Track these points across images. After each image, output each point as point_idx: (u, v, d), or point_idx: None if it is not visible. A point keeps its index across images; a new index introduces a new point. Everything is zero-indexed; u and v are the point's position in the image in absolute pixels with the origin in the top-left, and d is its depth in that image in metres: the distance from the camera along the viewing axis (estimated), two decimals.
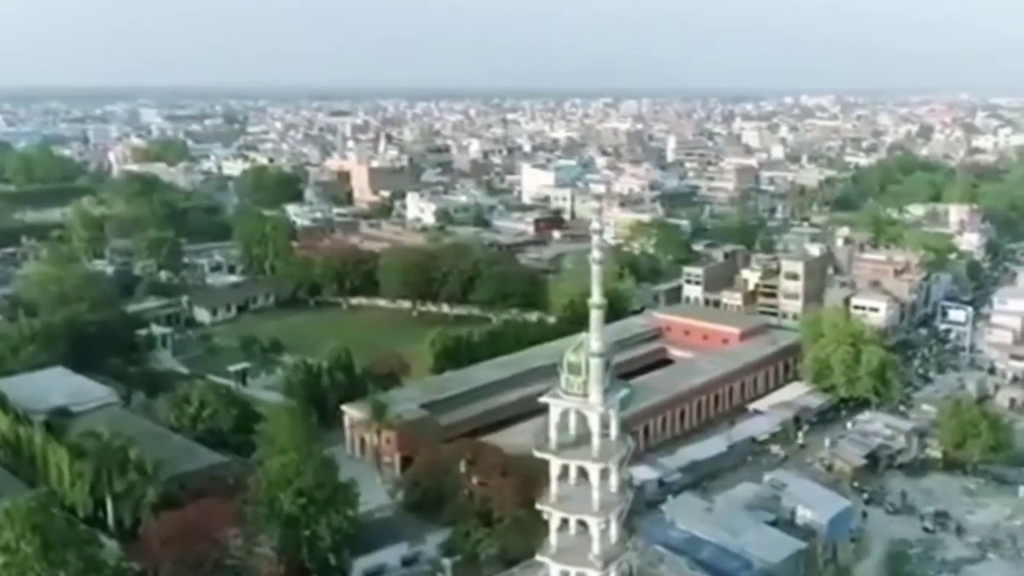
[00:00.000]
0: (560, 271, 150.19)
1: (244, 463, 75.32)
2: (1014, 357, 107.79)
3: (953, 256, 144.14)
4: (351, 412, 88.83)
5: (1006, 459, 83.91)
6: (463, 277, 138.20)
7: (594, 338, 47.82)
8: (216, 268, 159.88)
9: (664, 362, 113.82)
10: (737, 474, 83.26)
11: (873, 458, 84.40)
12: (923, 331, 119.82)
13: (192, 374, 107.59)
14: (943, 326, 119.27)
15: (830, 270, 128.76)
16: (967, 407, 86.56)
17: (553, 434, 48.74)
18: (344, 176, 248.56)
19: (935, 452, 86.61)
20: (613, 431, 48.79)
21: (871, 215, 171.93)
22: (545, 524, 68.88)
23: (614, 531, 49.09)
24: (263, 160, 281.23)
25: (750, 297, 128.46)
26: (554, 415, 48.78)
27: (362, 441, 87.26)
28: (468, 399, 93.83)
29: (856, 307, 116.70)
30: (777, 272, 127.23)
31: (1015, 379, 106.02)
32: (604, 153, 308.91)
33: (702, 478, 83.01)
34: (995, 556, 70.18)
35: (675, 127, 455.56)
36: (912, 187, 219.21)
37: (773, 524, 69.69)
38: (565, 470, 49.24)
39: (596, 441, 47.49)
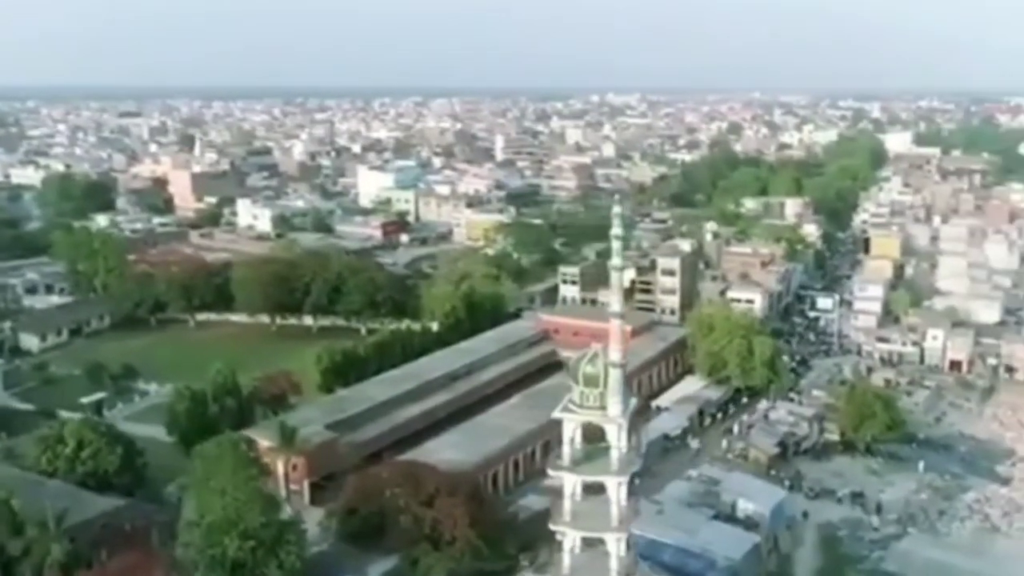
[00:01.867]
0: (430, 276, 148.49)
1: (144, 506, 68.73)
2: (880, 340, 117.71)
3: (799, 247, 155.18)
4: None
5: (896, 438, 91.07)
6: (327, 286, 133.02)
7: (614, 347, 47.07)
8: (31, 289, 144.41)
9: (556, 365, 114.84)
10: (660, 472, 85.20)
11: (783, 446, 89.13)
12: (797, 320, 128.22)
13: (37, 410, 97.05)
14: (812, 314, 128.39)
15: (701, 265, 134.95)
16: (862, 390, 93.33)
17: (567, 450, 47.61)
18: (160, 182, 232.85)
19: (833, 436, 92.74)
20: (627, 442, 48.30)
21: (718, 210, 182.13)
22: (497, 544, 67.98)
23: (627, 545, 48.70)
24: (58, 166, 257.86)
25: (628, 294, 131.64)
26: (568, 431, 47.69)
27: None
28: (372, 416, 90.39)
29: (732, 300, 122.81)
30: (652, 269, 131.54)
31: (883, 360, 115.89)
32: (435, 154, 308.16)
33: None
34: (914, 531, 76.00)
35: (495, 126, 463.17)
36: (740, 182, 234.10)
37: (715, 519, 72.09)
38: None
39: (615, 454, 46.90)
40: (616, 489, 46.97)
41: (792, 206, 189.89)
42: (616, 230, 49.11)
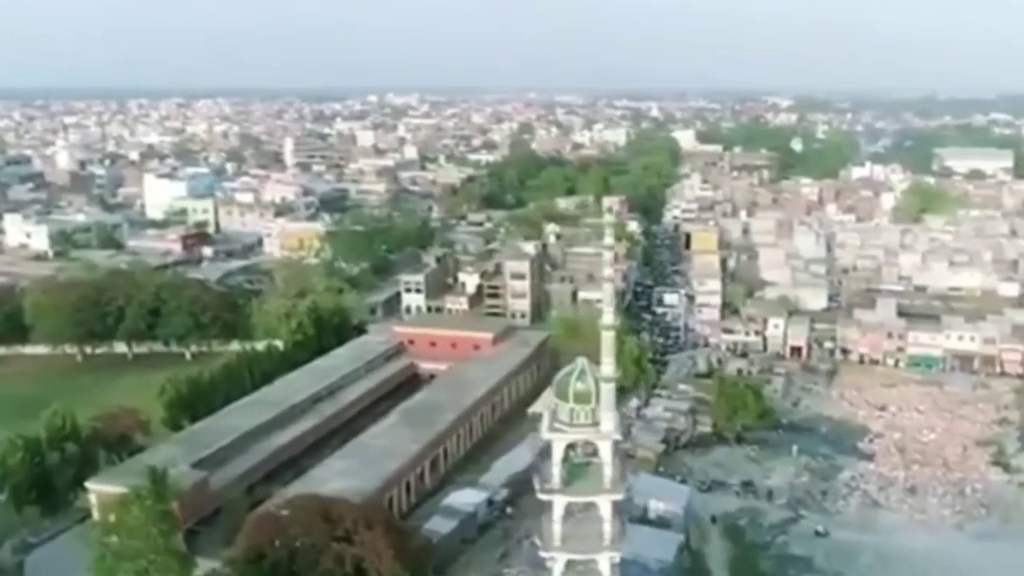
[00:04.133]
0: (255, 292, 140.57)
1: None
2: (725, 331, 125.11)
3: (628, 245, 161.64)
4: (100, 488, 74.53)
5: (763, 425, 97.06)
6: (143, 309, 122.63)
7: (607, 361, 46.35)
8: None
9: (414, 378, 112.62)
10: None
11: (666, 442, 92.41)
12: (648, 317, 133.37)
13: None
14: (659, 310, 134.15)
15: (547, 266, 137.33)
16: (732, 382, 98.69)
17: (557, 472, 46.34)
18: None
19: (705, 428, 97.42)
20: (616, 459, 47.78)
21: (541, 210, 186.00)
22: (420, 573, 65.40)
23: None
24: None
25: (475, 300, 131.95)
26: (558, 451, 46.48)
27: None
28: (240, 449, 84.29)
29: (584, 300, 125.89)
30: (498, 273, 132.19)
31: (730, 351, 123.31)
32: (224, 159, 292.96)
33: (522, 491, 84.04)
34: (807, 513, 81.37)
35: (275, 129, 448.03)
36: (549, 181, 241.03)
37: (630, 523, 73.28)
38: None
39: (608, 472, 46.29)
40: (609, 508, 46.40)
41: (608, 204, 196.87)
42: (607, 239, 48.58)
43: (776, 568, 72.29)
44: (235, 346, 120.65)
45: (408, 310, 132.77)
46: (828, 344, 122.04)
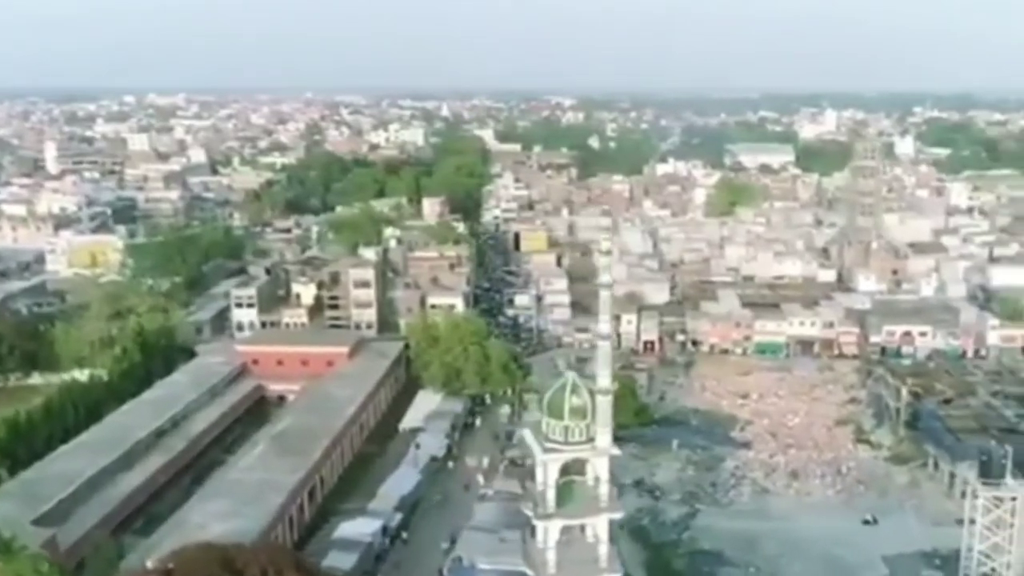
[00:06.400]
0: (52, 316, 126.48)
1: None
2: (579, 330, 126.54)
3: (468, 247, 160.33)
4: None
5: (638, 423, 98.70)
6: None
7: (603, 373, 44.47)
8: None
9: (262, 401, 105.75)
10: (443, 495, 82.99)
11: None
12: (502, 319, 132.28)
13: None
14: (511, 312, 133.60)
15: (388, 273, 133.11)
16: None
17: (551, 495, 43.88)
18: None
19: None
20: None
21: (366, 214, 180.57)
22: None
23: None
24: None
25: (314, 311, 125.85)
26: (552, 472, 44.05)
27: None
28: (83, 498, 75.27)
29: (433, 306, 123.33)
30: (336, 282, 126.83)
31: (586, 350, 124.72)
32: None
33: (411, 513, 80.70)
34: (703, 506, 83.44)
35: (23, 131, 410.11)
36: (357, 183, 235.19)
37: None
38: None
39: (605, 490, 44.48)
40: (606, 528, 44.65)
41: (430, 205, 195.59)
42: (604, 244, 46.62)
43: (690, 565, 73.40)
44: (37, 379, 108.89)
45: (240, 327, 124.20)
46: (680, 337, 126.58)
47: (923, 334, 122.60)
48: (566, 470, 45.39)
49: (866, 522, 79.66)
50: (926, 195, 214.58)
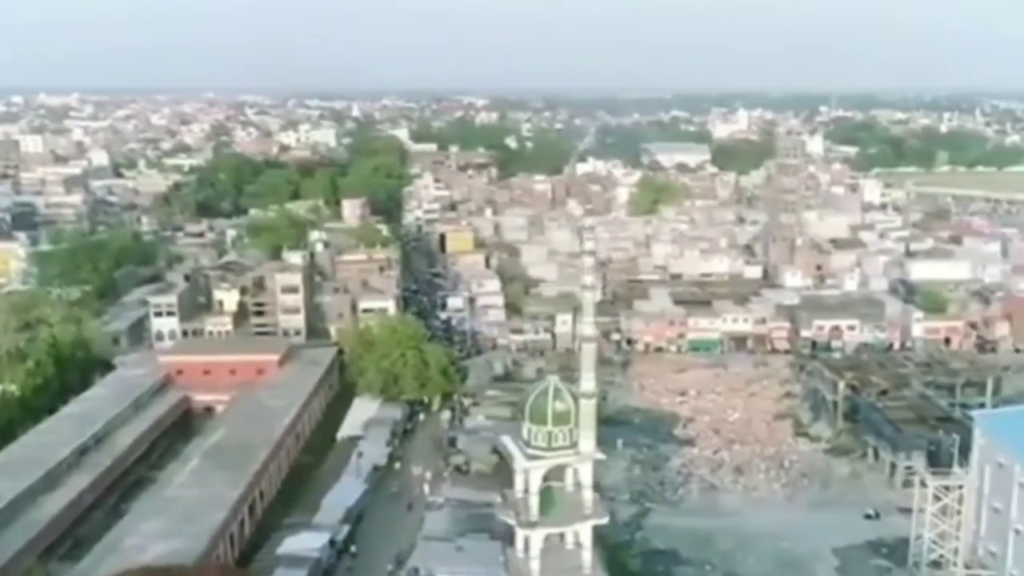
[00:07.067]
0: None
1: None
2: (514, 332, 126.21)
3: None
4: None
5: None
6: None
7: (586, 376, 43.84)
8: None
9: (188, 413, 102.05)
10: (388, 505, 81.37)
11: (496, 451, 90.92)
12: (436, 323, 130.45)
13: None
14: (443, 315, 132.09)
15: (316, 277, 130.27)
16: (547, 383, 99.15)
17: (535, 503, 42.99)
18: None
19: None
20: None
21: (283, 217, 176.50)
22: None
23: None
24: None
25: (239, 319, 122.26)
26: (536, 480, 43.19)
27: None
28: (5, 522, 71.22)
29: (364, 310, 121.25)
30: (261, 287, 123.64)
31: (520, 351, 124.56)
32: None
33: (357, 525, 78.86)
34: (653, 505, 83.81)
35: None
36: (270, 185, 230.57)
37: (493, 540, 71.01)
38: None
39: (589, 495, 43.85)
40: (590, 534, 44.05)
41: (350, 207, 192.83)
42: (587, 244, 45.91)
43: (646, 565, 73.59)
44: None
45: (160, 336, 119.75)
46: (615, 336, 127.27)
47: (851, 328, 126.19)
48: (545, 476, 44.66)
49: (868, 516, 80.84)
50: (841, 192, 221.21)
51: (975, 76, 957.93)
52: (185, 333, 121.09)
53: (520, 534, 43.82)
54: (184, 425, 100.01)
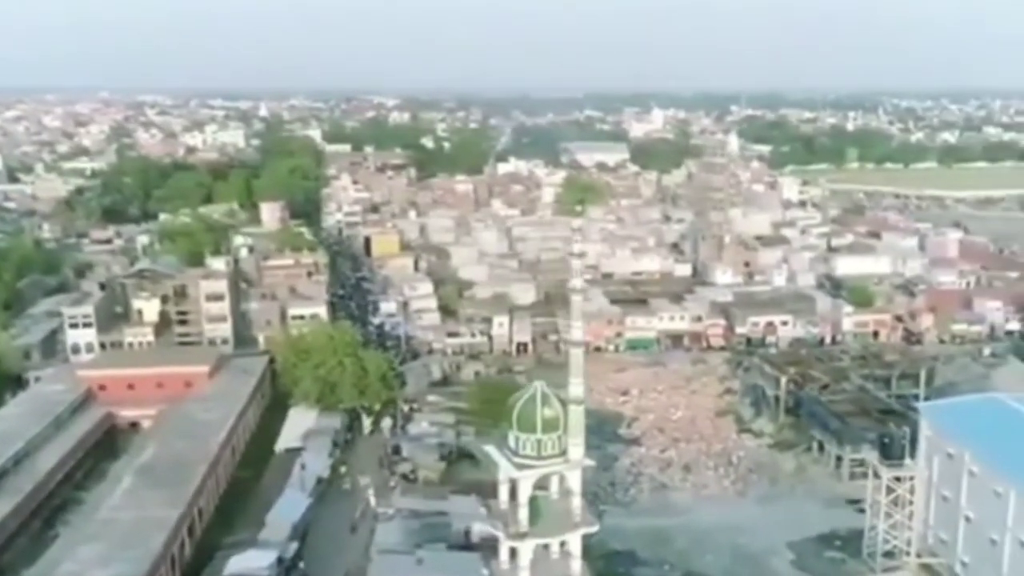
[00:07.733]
0: None
1: None
2: (450, 335, 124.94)
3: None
4: None
5: None
6: None
7: (575, 382, 43.04)
8: None
9: (113, 430, 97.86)
10: (335, 519, 79.43)
11: (442, 458, 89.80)
12: (370, 328, 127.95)
13: None
14: (377, 320, 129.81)
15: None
16: (492, 387, 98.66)
17: (525, 514, 42.03)
18: None
19: (468, 436, 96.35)
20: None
21: (199, 221, 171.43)
22: None
23: None
24: None
25: (161, 329, 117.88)
26: (525, 490, 42.25)
27: None
28: None
29: (294, 317, 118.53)
30: (183, 295, 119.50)
31: (456, 354, 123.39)
32: None
33: (303, 539, 76.70)
34: (606, 507, 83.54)
35: None
36: (180, 189, 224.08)
37: (451, 549, 69.86)
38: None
39: (577, 504, 43.12)
40: (579, 544, 43.34)
41: (269, 211, 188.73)
42: (575, 247, 45.07)
43: (606, 568, 73.16)
44: None
45: (76, 349, 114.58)
46: (552, 337, 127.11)
47: (784, 323, 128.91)
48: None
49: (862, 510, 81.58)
50: (762, 190, 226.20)
51: (875, 76, 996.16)
52: (103, 345, 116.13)
53: (506, 545, 42.75)
54: (108, 443, 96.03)
